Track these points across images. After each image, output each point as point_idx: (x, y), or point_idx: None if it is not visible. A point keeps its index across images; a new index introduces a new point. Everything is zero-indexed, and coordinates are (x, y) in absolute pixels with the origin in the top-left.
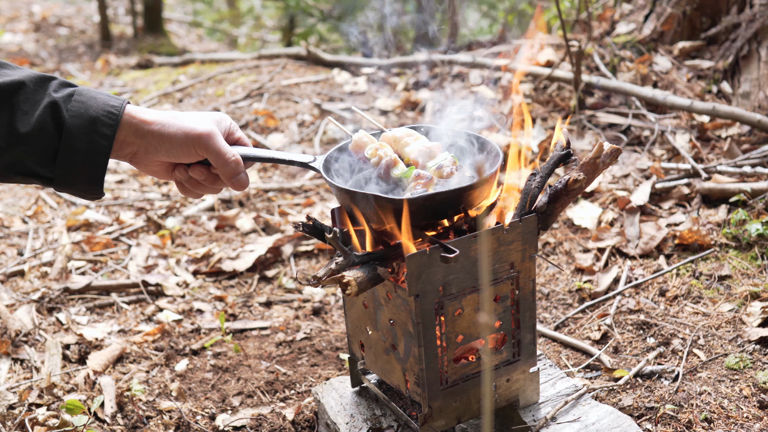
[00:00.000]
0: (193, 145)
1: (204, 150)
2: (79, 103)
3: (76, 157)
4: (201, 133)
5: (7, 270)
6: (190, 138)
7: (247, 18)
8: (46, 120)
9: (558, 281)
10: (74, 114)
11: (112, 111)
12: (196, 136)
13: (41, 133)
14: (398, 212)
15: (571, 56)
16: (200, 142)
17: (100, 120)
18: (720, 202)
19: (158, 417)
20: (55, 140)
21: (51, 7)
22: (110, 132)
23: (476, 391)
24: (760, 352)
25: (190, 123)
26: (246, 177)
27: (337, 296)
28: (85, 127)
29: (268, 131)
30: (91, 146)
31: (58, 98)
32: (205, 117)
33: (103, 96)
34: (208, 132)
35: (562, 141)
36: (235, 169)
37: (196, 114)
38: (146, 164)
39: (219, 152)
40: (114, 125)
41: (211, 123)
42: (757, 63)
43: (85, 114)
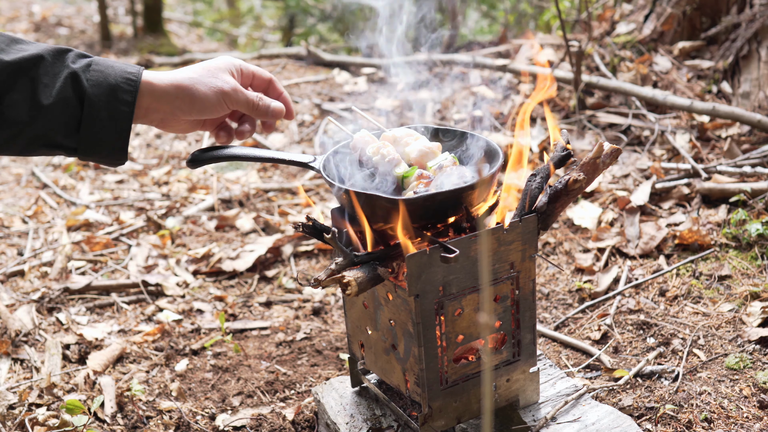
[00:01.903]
0: (223, 102)
1: (233, 104)
2: (98, 72)
3: (99, 125)
4: (227, 92)
5: (7, 270)
6: (219, 97)
7: (247, 18)
8: (67, 90)
9: (558, 281)
10: (94, 83)
11: (131, 78)
12: (223, 95)
13: (63, 104)
14: (398, 212)
15: (571, 56)
16: (229, 99)
17: (119, 87)
18: (720, 202)
19: (158, 417)
20: (77, 110)
21: (51, 7)
22: (130, 98)
23: (476, 391)
24: (760, 352)
25: (214, 81)
26: (277, 105)
27: (337, 296)
28: (106, 95)
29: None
30: (113, 113)
31: (77, 68)
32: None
33: (119, 64)
34: (232, 88)
35: (562, 141)
36: (265, 109)
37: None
38: (173, 126)
39: (246, 102)
40: (134, 91)
41: (229, 76)
42: (757, 63)
43: (104, 82)
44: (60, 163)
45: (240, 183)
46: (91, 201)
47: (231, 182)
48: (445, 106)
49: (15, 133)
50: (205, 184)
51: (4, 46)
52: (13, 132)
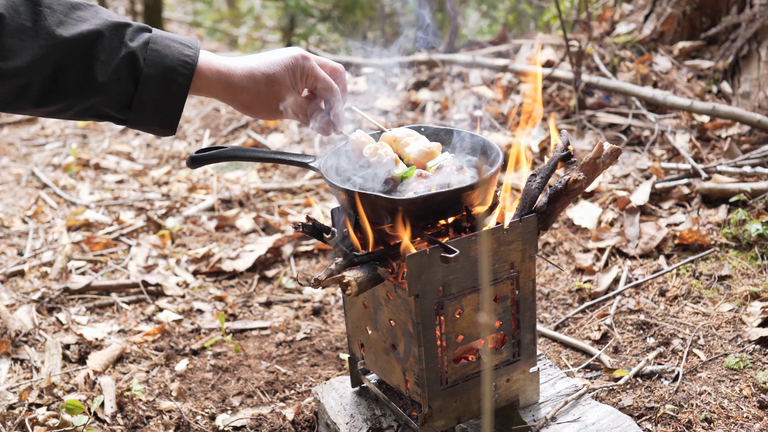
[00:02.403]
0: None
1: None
2: (155, 52)
3: (151, 104)
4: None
5: (7, 270)
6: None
7: (247, 18)
8: (123, 69)
9: (558, 281)
10: (150, 63)
11: (187, 60)
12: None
13: (118, 82)
14: (398, 212)
15: (571, 56)
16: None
17: (176, 70)
18: (720, 202)
19: (158, 417)
20: (131, 88)
21: None
22: (185, 81)
23: (476, 391)
24: (760, 352)
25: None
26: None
27: (337, 296)
28: (161, 78)
29: (268, 131)
30: (167, 94)
31: (135, 48)
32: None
33: (176, 44)
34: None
35: (562, 142)
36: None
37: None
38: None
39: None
40: (189, 74)
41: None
42: (757, 63)
43: (161, 63)
44: (60, 163)
45: (240, 183)
46: (91, 201)
47: (231, 182)
48: (444, 106)
49: (69, 105)
50: (205, 184)
51: (62, 17)
52: (68, 104)
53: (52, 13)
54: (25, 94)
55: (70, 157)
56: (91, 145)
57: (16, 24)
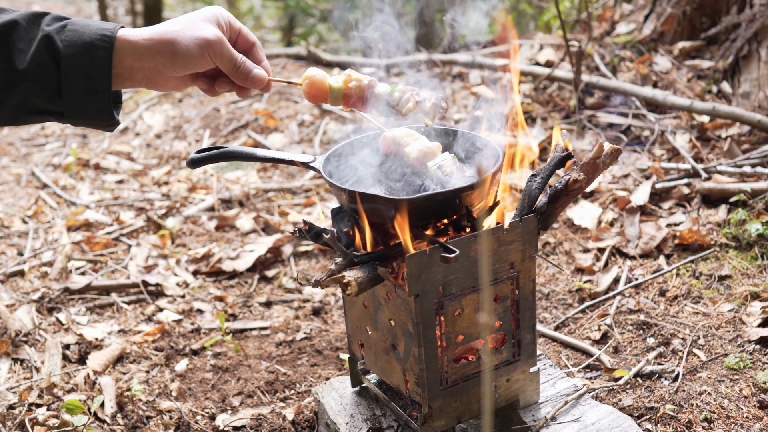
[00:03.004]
0: (207, 54)
1: (217, 58)
2: (73, 32)
3: (78, 85)
4: (212, 42)
5: (7, 270)
6: (202, 49)
7: (247, 18)
8: (42, 53)
9: (558, 281)
10: (68, 43)
11: (106, 33)
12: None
13: (39, 67)
14: (398, 212)
15: (571, 56)
16: (212, 51)
17: (94, 44)
18: (720, 202)
19: (158, 417)
20: (55, 72)
21: (51, 7)
22: (106, 55)
23: (476, 391)
24: (760, 352)
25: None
26: (261, 72)
27: (337, 296)
28: (81, 54)
29: (268, 131)
30: (90, 71)
31: (50, 31)
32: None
33: (96, 23)
34: (218, 38)
35: (563, 143)
36: (246, 71)
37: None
38: (161, 84)
39: (230, 59)
40: (108, 47)
41: (215, 27)
42: (757, 63)
43: (78, 41)
44: (60, 163)
45: (240, 183)
46: (91, 201)
47: (231, 182)
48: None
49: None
50: (205, 184)
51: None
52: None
53: None
54: None
55: (70, 157)
56: (91, 145)
57: None
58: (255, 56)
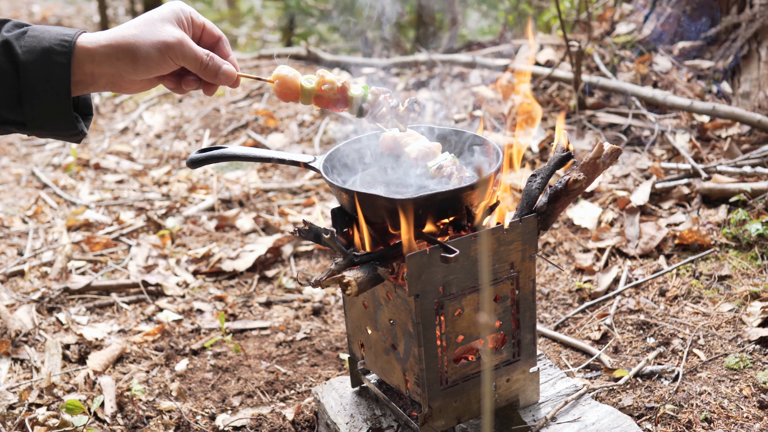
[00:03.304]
0: (168, 58)
1: (180, 59)
2: (32, 38)
3: (38, 92)
4: (172, 45)
5: (7, 270)
6: (162, 53)
7: (247, 18)
8: (1, 60)
9: (558, 281)
10: (27, 49)
11: (65, 38)
12: (168, 49)
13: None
14: (398, 212)
15: (571, 56)
16: (174, 54)
17: (53, 50)
18: (720, 202)
19: (158, 417)
20: (14, 79)
21: (51, 7)
22: (65, 60)
23: (476, 391)
24: (760, 352)
25: (156, 35)
26: (230, 68)
27: (337, 296)
28: (39, 60)
29: (268, 131)
30: (49, 77)
31: (9, 37)
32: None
33: (57, 29)
34: (177, 40)
35: (563, 143)
36: (215, 68)
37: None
38: (127, 87)
39: (195, 58)
40: (68, 53)
41: (175, 28)
42: (757, 63)
43: (37, 47)
44: (60, 163)
45: (240, 183)
46: (91, 201)
47: (231, 182)
48: (445, 106)
49: None
50: (205, 184)
51: None
52: None
53: None
54: None
55: (70, 157)
56: (91, 145)
57: None
58: (221, 51)
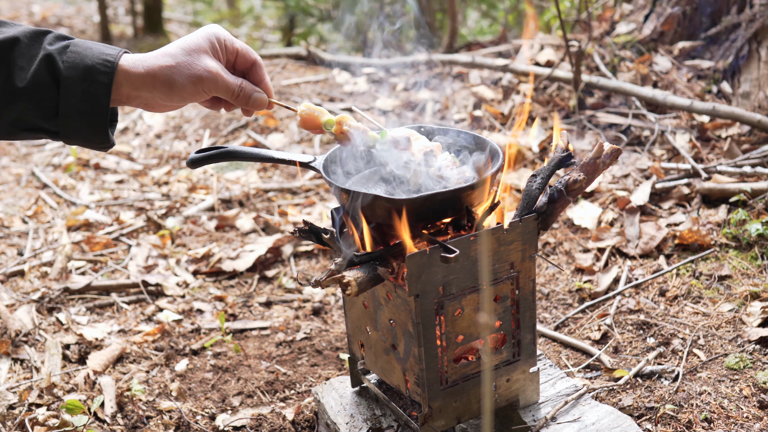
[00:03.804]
0: (202, 91)
1: (212, 92)
2: (75, 54)
3: (76, 107)
4: (205, 79)
5: (7, 270)
6: (197, 86)
7: (247, 18)
8: (42, 73)
9: (558, 281)
10: (70, 65)
11: (108, 59)
12: (201, 84)
13: (38, 87)
14: (398, 212)
15: (571, 56)
16: (207, 87)
17: (95, 68)
18: (720, 202)
19: (158, 417)
20: (53, 93)
21: (51, 7)
22: (107, 80)
23: (476, 391)
24: (760, 352)
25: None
26: (261, 95)
27: (337, 296)
28: (81, 77)
29: (268, 131)
30: (90, 95)
31: (53, 51)
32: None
33: (98, 46)
34: (211, 75)
35: (563, 143)
36: (246, 97)
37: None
38: (160, 108)
39: (226, 90)
40: (110, 72)
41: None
42: (757, 63)
43: (80, 64)
44: (60, 163)
45: (240, 183)
46: (91, 201)
47: (231, 182)
48: (445, 106)
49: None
50: (205, 184)
51: None
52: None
53: None
54: None
55: (70, 157)
56: None
57: None
58: (255, 75)
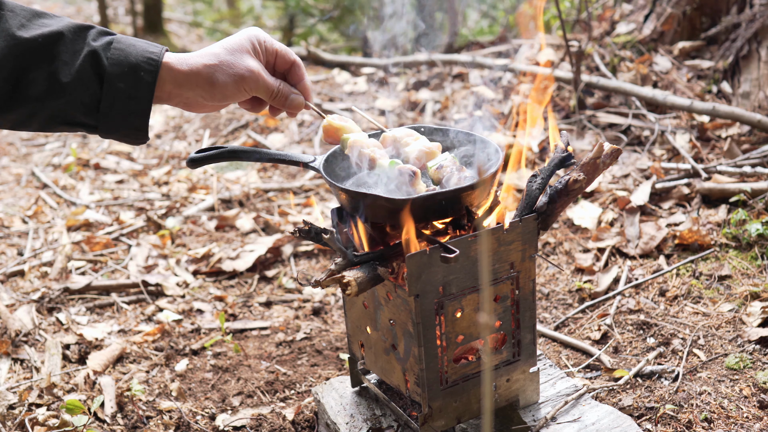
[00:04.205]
0: (243, 89)
1: (253, 91)
2: (119, 51)
3: (119, 104)
4: (247, 78)
5: (7, 270)
6: (238, 84)
7: (247, 18)
8: (87, 69)
9: (558, 281)
10: (114, 62)
11: (152, 57)
12: (243, 82)
13: (82, 83)
14: (398, 212)
15: (571, 56)
16: (248, 86)
17: (140, 66)
18: (720, 202)
19: (158, 417)
20: (96, 89)
21: (51, 7)
22: (150, 78)
23: (476, 391)
24: (760, 352)
25: (234, 67)
26: (297, 97)
27: (337, 296)
28: (126, 75)
29: (268, 131)
30: (133, 93)
31: (97, 47)
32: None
33: (141, 43)
34: (252, 74)
35: (562, 143)
36: (284, 98)
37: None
38: (200, 108)
39: (266, 90)
40: (154, 71)
41: (252, 59)
42: (757, 63)
43: (124, 61)
44: (60, 163)
45: (240, 183)
46: (91, 201)
47: (231, 182)
48: (444, 106)
49: (34, 110)
50: (205, 184)
51: (25, 21)
52: (33, 109)
53: (14, 16)
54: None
55: (70, 157)
56: (91, 145)
57: None
58: (294, 75)
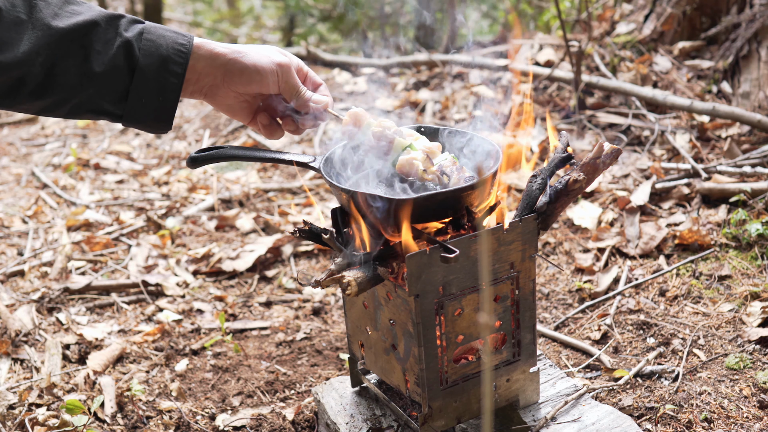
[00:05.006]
0: (276, 73)
1: (285, 78)
2: (150, 42)
3: (147, 95)
4: (283, 64)
5: (7, 270)
6: (274, 66)
7: (247, 18)
8: (120, 60)
9: (558, 281)
10: (146, 53)
11: (182, 49)
12: (279, 66)
13: (114, 73)
14: (398, 212)
15: (571, 56)
16: (282, 71)
17: (171, 59)
18: (720, 202)
19: (158, 417)
20: (127, 79)
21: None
22: (180, 70)
23: (476, 391)
24: (760, 352)
25: (269, 54)
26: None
27: (337, 296)
28: (157, 66)
29: None
30: (163, 84)
31: (130, 37)
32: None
33: (170, 34)
34: (280, 67)
35: (562, 143)
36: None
37: (268, 47)
38: (223, 97)
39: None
40: (184, 63)
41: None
42: (757, 63)
43: (156, 53)
44: (60, 163)
45: (240, 183)
46: (91, 201)
47: (231, 182)
48: (444, 106)
49: (65, 97)
50: (205, 184)
51: (57, 10)
52: (63, 96)
53: (47, 6)
54: (20, 86)
55: (70, 157)
56: (91, 145)
57: (11, 17)
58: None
